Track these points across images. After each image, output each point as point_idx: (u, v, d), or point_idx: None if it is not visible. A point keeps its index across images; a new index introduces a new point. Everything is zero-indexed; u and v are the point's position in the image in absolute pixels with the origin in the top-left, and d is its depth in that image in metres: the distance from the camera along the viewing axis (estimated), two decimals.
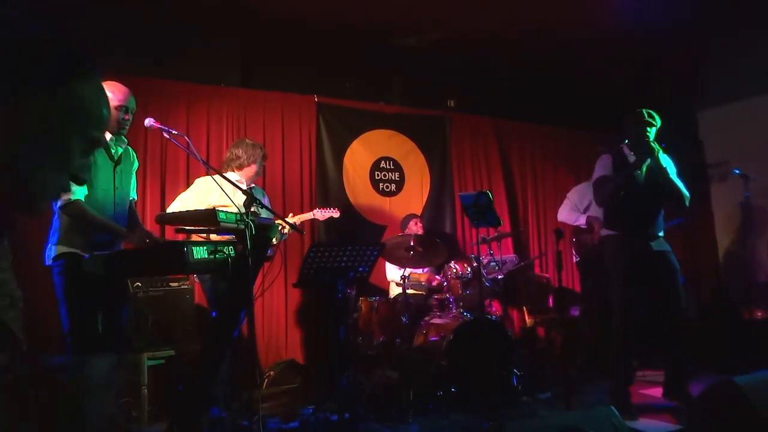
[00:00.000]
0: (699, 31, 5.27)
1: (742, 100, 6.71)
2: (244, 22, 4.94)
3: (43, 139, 0.94)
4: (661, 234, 3.94)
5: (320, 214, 4.63)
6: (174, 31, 4.82)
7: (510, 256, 5.78)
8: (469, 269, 4.80)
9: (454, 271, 4.83)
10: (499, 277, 5.09)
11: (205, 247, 2.54)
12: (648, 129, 3.81)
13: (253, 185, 4.20)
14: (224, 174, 3.33)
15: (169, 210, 3.90)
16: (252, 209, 2.61)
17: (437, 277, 5.24)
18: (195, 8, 4.60)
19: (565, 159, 6.95)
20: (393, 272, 5.44)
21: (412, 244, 4.56)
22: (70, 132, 0.97)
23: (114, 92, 2.95)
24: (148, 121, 3.01)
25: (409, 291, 4.84)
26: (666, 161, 3.89)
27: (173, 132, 2.99)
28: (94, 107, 1.00)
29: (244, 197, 2.70)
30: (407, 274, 4.62)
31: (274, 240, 3.23)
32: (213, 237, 3.38)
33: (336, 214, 4.59)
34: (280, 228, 4.13)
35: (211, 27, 4.97)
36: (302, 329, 5.34)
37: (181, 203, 3.86)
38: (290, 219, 4.09)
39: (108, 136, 2.97)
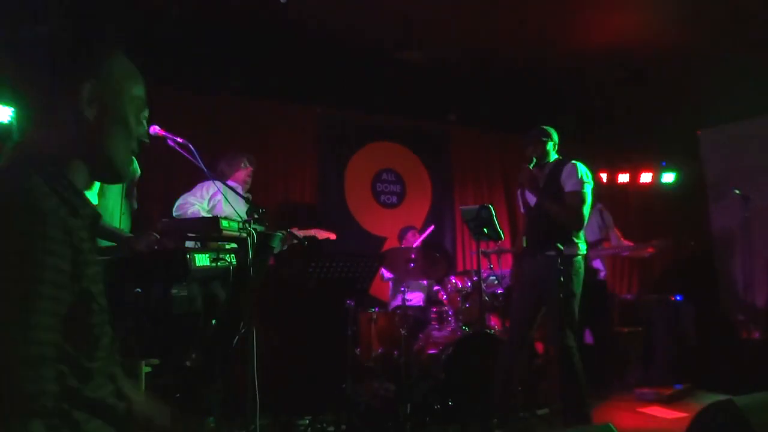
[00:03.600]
0: (702, 49, 5.31)
1: (744, 120, 6.73)
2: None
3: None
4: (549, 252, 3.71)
5: (320, 233, 4.60)
6: (177, 37, 4.83)
7: (510, 270, 5.76)
8: (468, 283, 4.79)
9: (454, 284, 4.82)
10: (499, 291, 5.08)
11: (207, 255, 2.54)
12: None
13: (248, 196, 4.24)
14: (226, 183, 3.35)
15: (175, 209, 3.96)
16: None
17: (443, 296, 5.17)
18: (195, 18, 4.62)
19: None
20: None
21: (413, 256, 4.56)
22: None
23: None
24: (153, 129, 3.02)
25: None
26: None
27: (178, 140, 2.99)
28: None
29: (247, 206, 2.71)
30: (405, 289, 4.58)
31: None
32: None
33: (333, 236, 4.57)
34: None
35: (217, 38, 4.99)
36: (299, 340, 5.31)
37: (186, 202, 3.90)
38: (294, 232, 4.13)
39: None
